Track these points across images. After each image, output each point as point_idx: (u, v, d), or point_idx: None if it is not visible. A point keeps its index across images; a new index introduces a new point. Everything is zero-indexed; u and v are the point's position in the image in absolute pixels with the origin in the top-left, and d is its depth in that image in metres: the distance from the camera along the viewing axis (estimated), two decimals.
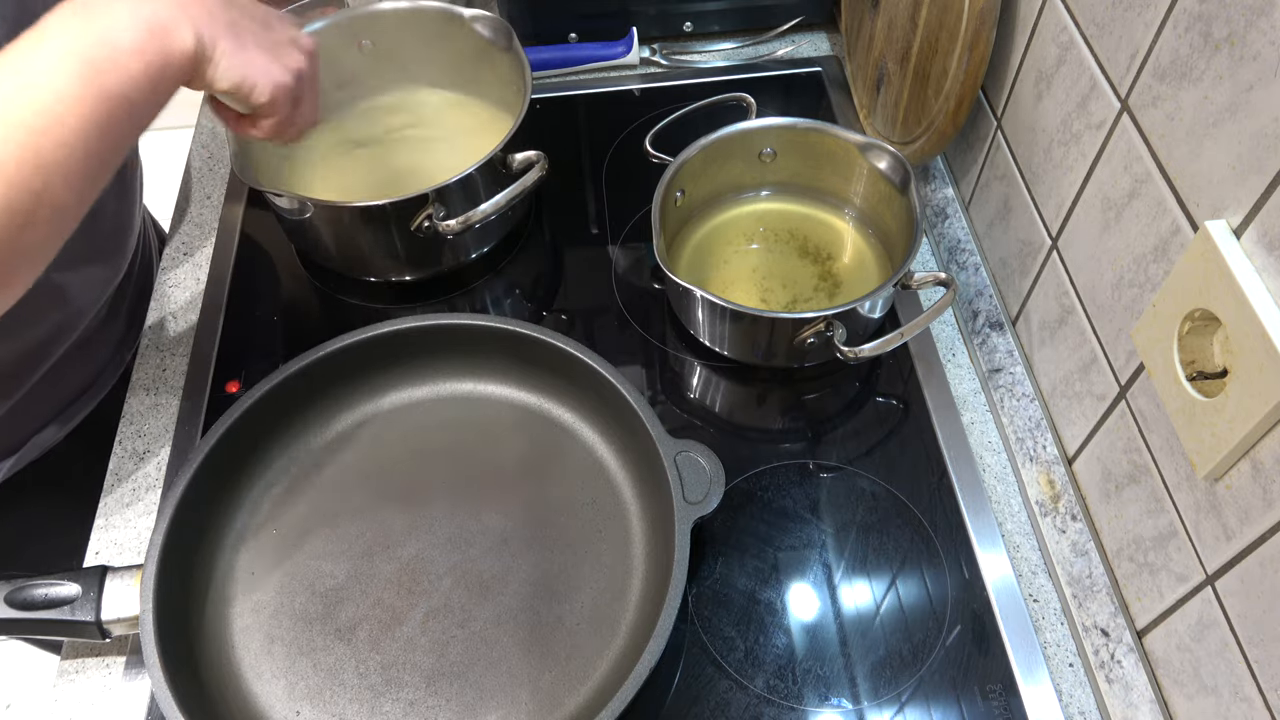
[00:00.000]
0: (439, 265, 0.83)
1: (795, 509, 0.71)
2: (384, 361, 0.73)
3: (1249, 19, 0.46)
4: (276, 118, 0.58)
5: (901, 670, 0.63)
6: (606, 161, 0.94)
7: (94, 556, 0.70)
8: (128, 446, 0.76)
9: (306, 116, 0.62)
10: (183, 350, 0.81)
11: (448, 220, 0.75)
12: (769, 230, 0.84)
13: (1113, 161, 0.59)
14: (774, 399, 0.77)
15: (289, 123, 0.60)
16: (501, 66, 0.86)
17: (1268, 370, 0.44)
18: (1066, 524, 0.67)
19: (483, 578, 0.66)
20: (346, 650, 0.63)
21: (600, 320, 0.82)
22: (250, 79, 0.54)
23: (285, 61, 0.57)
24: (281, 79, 0.56)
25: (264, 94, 0.56)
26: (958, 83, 0.73)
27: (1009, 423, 0.74)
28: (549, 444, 0.72)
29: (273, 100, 0.56)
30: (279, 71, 0.56)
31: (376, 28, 0.88)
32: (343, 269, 0.84)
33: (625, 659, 0.62)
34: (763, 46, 1.04)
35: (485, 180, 0.77)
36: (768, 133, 0.82)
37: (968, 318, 0.80)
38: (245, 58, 0.54)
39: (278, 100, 0.57)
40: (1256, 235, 0.46)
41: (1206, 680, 0.54)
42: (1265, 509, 0.47)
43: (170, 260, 0.88)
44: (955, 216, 0.85)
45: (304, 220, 0.78)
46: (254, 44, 0.55)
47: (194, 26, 0.51)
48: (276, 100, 0.57)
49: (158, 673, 0.56)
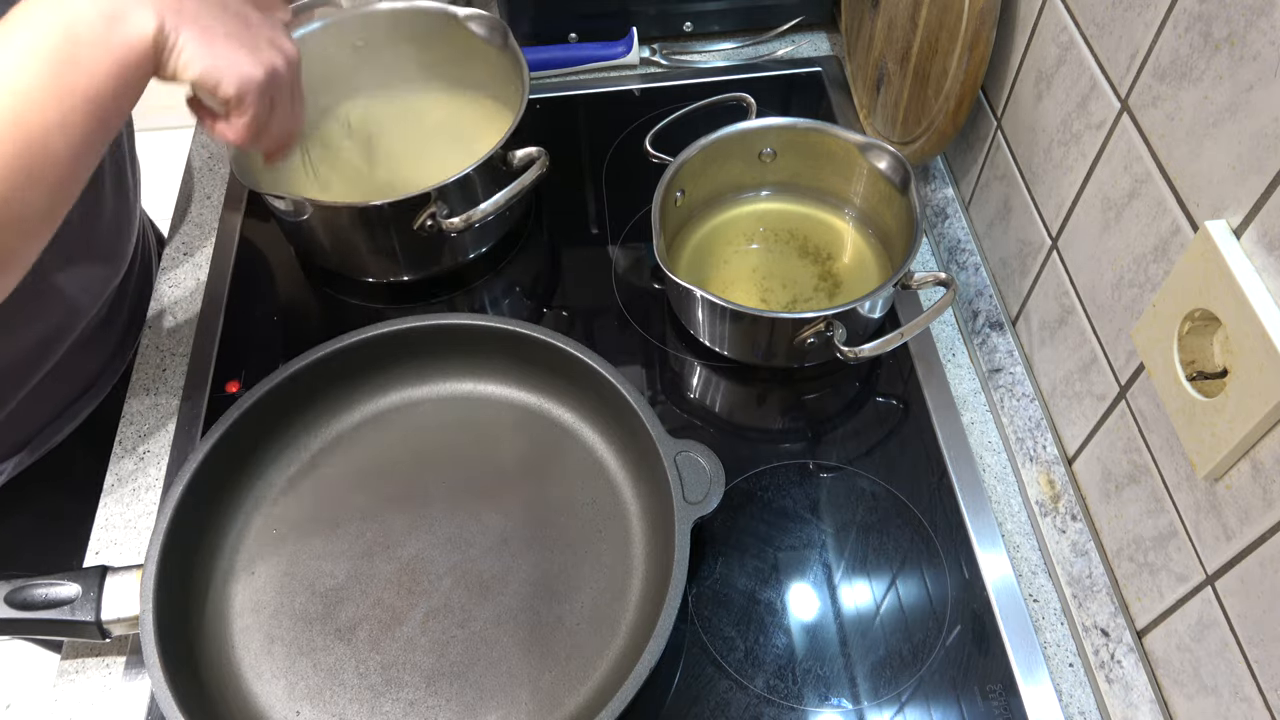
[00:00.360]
0: (438, 265, 0.83)
1: (795, 509, 0.71)
2: (384, 361, 0.73)
3: (1249, 19, 0.46)
4: (247, 116, 0.55)
5: (901, 670, 0.63)
6: (606, 161, 0.94)
7: (94, 556, 0.70)
8: (128, 446, 0.76)
9: (283, 123, 0.58)
10: (183, 350, 0.81)
11: (451, 218, 0.75)
12: (769, 230, 0.84)
13: (1113, 161, 0.59)
14: (774, 399, 0.77)
15: (263, 126, 0.56)
16: (499, 65, 0.86)
17: (1268, 370, 0.44)
18: (1066, 524, 0.67)
19: (483, 578, 0.66)
20: (346, 650, 0.63)
21: (600, 320, 0.82)
22: (216, 70, 0.52)
23: (258, 56, 0.54)
24: (250, 72, 0.53)
25: (230, 86, 0.53)
26: (958, 83, 0.73)
27: (1009, 423, 0.74)
28: (549, 444, 0.72)
29: (240, 95, 0.53)
30: (248, 64, 0.53)
31: (371, 28, 0.88)
32: (341, 269, 0.84)
33: (625, 659, 0.62)
34: (763, 46, 1.04)
35: (486, 178, 0.77)
36: (768, 133, 0.82)
37: (968, 318, 0.80)
38: (212, 49, 0.51)
39: (245, 95, 0.53)
40: (1256, 235, 0.46)
41: (1206, 680, 0.54)
42: (1265, 509, 0.47)
43: (170, 260, 0.88)
44: (955, 216, 0.85)
45: (303, 222, 0.78)
46: (224, 36, 0.52)
47: (156, 14, 0.49)
48: (244, 95, 0.53)
49: (158, 673, 0.56)
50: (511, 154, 0.79)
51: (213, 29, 0.52)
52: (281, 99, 0.57)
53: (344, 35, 0.87)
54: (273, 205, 0.78)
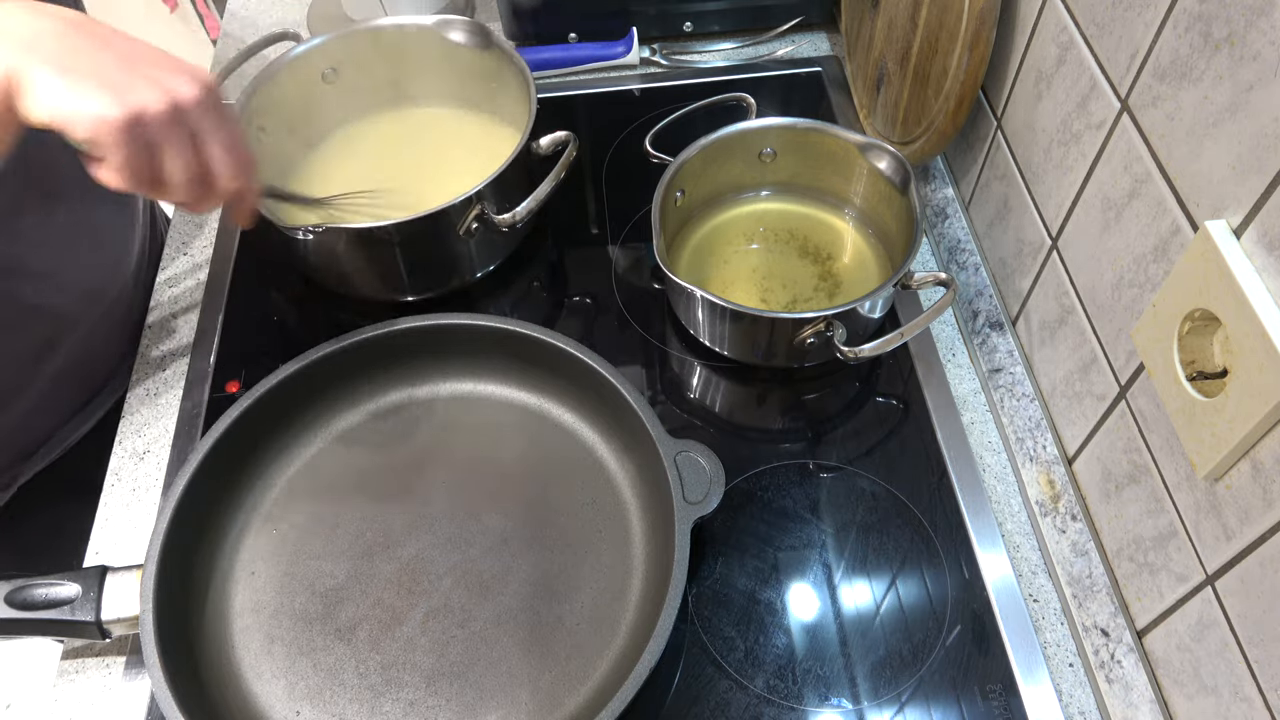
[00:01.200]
0: (459, 278, 0.82)
1: (795, 509, 0.71)
2: (384, 361, 0.73)
3: (1249, 19, 0.46)
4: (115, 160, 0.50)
5: (901, 670, 0.63)
6: (606, 161, 0.94)
7: (94, 556, 0.70)
8: (128, 446, 0.76)
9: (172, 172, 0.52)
10: (183, 350, 0.81)
11: (501, 215, 0.74)
12: (769, 230, 0.84)
13: (1113, 161, 0.59)
14: (774, 399, 0.77)
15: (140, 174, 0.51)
16: (487, 67, 0.85)
17: (1268, 370, 0.44)
18: (1066, 524, 0.67)
19: (483, 578, 0.66)
20: (346, 650, 0.63)
21: (600, 320, 0.82)
22: (65, 109, 0.48)
23: (124, 97, 0.49)
24: (102, 113, 0.48)
25: (80, 129, 0.48)
26: (958, 83, 0.73)
27: (1009, 423, 0.74)
28: (549, 444, 0.72)
29: (93, 138, 0.49)
30: (102, 104, 0.48)
31: (339, 54, 0.85)
32: (350, 290, 0.82)
33: (625, 659, 0.62)
34: (763, 46, 1.04)
35: (519, 173, 0.78)
36: (768, 133, 0.82)
37: (968, 318, 0.80)
38: (69, 90, 0.48)
39: (98, 138, 0.49)
40: (1256, 235, 0.46)
41: (1206, 680, 0.54)
42: (1265, 509, 0.47)
43: (170, 260, 0.88)
44: (955, 216, 0.85)
45: (330, 247, 0.76)
46: (90, 75, 0.48)
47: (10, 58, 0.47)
48: (98, 138, 0.49)
49: (158, 673, 0.56)
50: (536, 144, 0.79)
51: (75, 69, 0.48)
52: (164, 140, 0.51)
53: (310, 66, 0.84)
54: (295, 238, 0.75)
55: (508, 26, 1.00)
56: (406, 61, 0.88)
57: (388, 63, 0.87)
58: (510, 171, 0.76)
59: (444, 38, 0.86)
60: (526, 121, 0.79)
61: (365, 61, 0.86)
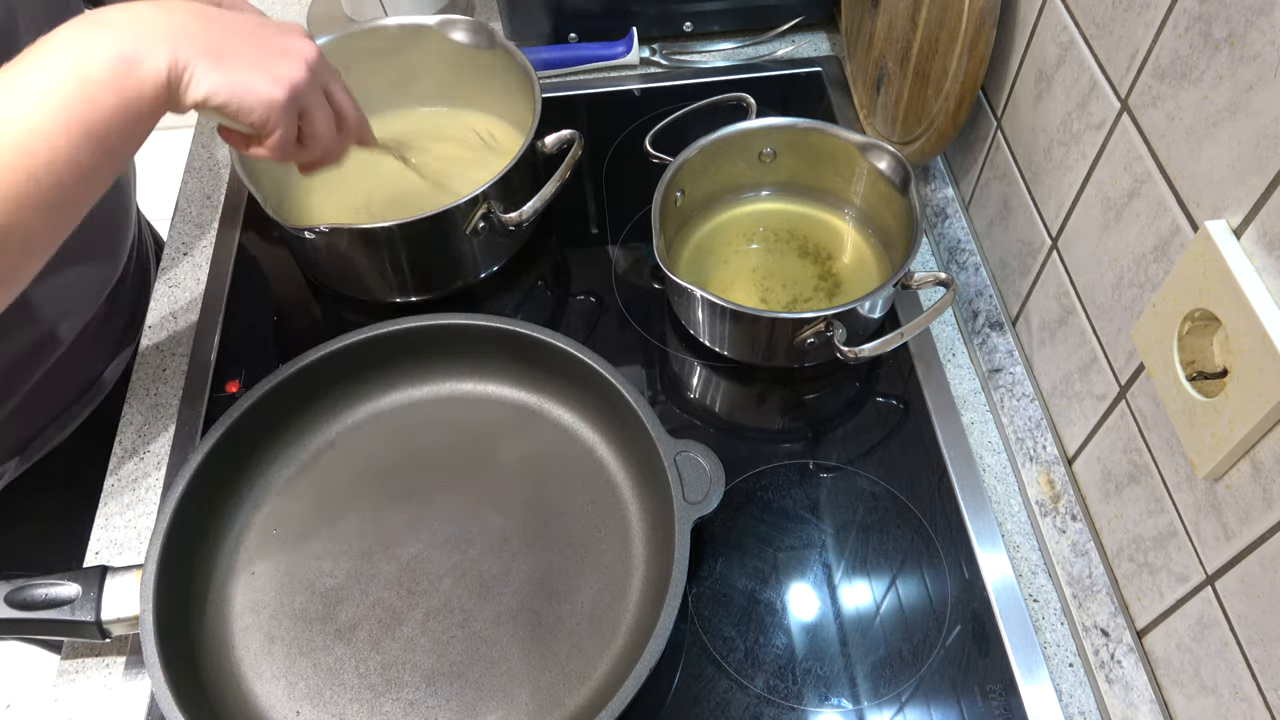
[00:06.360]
0: (460, 279, 0.82)
1: (795, 509, 0.71)
2: (384, 361, 0.73)
3: (1249, 19, 0.46)
4: (277, 135, 0.55)
5: (901, 670, 0.63)
6: (606, 161, 0.94)
7: (94, 556, 0.70)
8: (128, 446, 0.76)
9: (323, 131, 0.57)
10: (182, 350, 0.81)
11: (507, 214, 0.75)
12: (769, 230, 0.84)
13: (1113, 161, 0.59)
14: (774, 399, 0.77)
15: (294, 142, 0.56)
16: (493, 67, 0.85)
17: (1268, 370, 0.44)
18: (1066, 524, 0.67)
19: (483, 578, 0.66)
20: (346, 650, 0.63)
21: (600, 320, 0.82)
22: (236, 99, 0.52)
23: (277, 74, 0.53)
24: (271, 94, 0.53)
25: (254, 113, 0.53)
26: (958, 83, 0.73)
27: (1009, 423, 0.74)
28: (549, 444, 0.72)
29: (264, 119, 0.53)
30: (267, 86, 0.53)
31: (343, 55, 0.83)
32: (353, 291, 0.82)
33: (625, 659, 0.62)
34: (763, 46, 1.04)
35: (525, 173, 0.78)
36: (768, 133, 0.82)
37: (968, 318, 0.80)
38: (229, 77, 0.51)
39: (270, 118, 0.53)
40: (1256, 235, 0.46)
41: (1206, 680, 0.54)
42: (1265, 509, 0.47)
43: (170, 260, 0.88)
44: (955, 216, 0.85)
45: (332, 248, 0.76)
46: (240, 61, 0.52)
47: (168, 53, 0.49)
48: (269, 118, 0.53)
49: (158, 673, 0.57)
50: (541, 143, 0.79)
51: (226, 57, 0.52)
52: (312, 104, 0.56)
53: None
54: (300, 237, 0.75)
55: (507, 26, 1.00)
56: (408, 61, 0.88)
57: (389, 63, 0.87)
58: (516, 171, 0.76)
59: (446, 37, 0.86)
60: (530, 121, 0.79)
61: (366, 62, 0.86)
